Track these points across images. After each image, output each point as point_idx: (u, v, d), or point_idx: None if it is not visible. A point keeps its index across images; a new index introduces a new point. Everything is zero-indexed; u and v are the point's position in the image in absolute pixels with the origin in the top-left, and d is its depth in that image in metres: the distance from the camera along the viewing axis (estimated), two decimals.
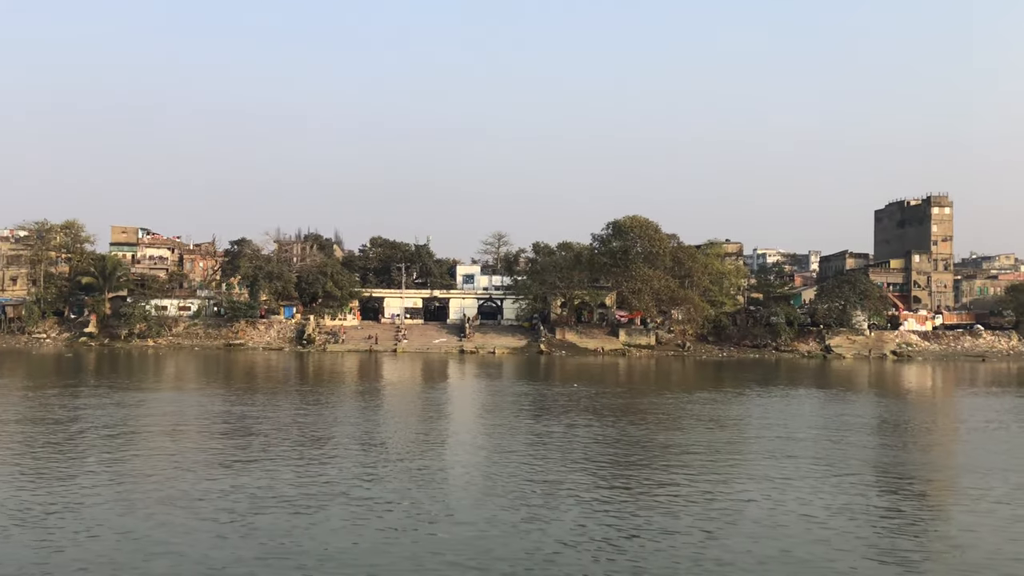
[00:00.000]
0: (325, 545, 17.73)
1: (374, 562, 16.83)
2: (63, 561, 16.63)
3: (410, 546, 17.87)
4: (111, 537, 18.18)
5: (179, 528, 18.84)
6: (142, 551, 17.23)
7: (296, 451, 28.97)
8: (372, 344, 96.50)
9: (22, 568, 16.13)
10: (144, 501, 21.29)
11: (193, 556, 16.95)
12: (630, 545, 18.20)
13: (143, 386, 54.41)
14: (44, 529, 18.74)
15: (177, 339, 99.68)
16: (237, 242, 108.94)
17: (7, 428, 33.36)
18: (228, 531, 18.65)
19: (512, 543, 18.17)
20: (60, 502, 21.19)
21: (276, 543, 17.83)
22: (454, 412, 41.48)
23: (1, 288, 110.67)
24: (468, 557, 17.14)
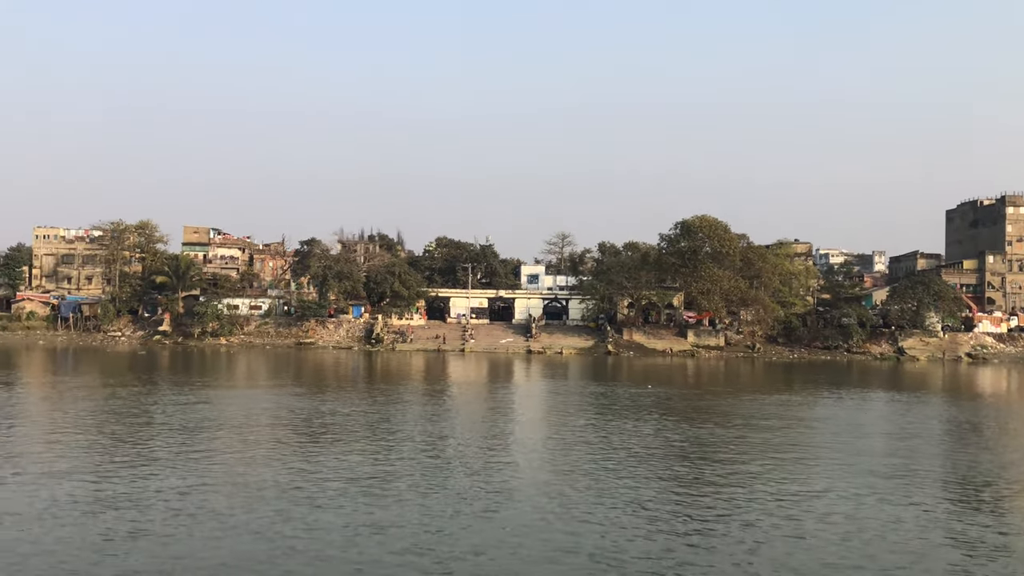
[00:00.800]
0: (452, 546, 17.90)
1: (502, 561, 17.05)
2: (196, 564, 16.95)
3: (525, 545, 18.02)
4: (245, 537, 18.56)
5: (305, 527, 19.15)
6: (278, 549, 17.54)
7: (394, 451, 29.41)
8: (440, 344, 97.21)
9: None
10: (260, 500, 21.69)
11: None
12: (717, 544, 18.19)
13: (223, 384, 55.87)
14: (162, 537, 18.88)
15: (249, 338, 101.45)
16: (307, 242, 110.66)
17: (114, 427, 34.31)
18: (351, 531, 18.89)
19: (624, 541, 18.32)
20: (188, 502, 21.77)
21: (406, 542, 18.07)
22: (540, 413, 41.71)
23: (77, 287, 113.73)
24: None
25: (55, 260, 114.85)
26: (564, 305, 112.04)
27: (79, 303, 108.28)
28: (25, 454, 27.57)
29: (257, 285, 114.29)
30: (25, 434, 32.28)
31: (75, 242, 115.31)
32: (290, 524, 19.43)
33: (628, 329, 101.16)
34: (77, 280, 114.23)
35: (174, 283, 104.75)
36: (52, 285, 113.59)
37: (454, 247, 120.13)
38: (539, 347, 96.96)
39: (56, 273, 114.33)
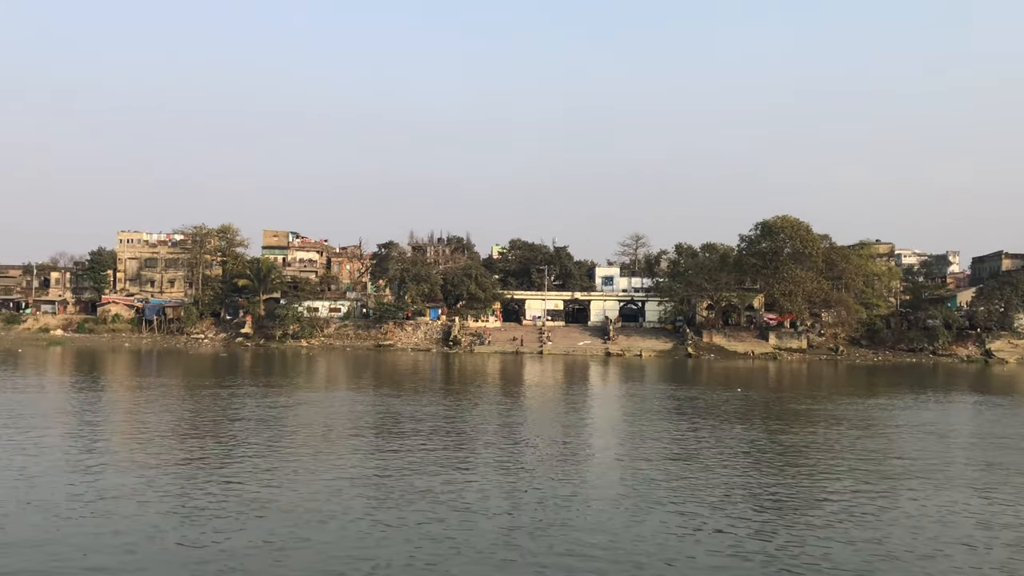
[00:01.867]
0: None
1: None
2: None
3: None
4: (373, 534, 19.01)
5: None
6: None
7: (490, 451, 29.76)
8: (518, 346, 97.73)
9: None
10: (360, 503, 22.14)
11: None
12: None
13: (316, 385, 56.80)
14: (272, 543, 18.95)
15: (329, 340, 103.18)
16: (385, 245, 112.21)
17: (219, 427, 35.19)
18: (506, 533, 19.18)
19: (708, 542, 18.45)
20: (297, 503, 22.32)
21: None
22: (632, 416, 41.44)
23: (160, 290, 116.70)
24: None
25: (138, 264, 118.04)
26: (640, 307, 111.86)
27: (163, 306, 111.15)
28: (121, 454, 28.46)
29: (335, 288, 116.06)
30: (119, 433, 33.41)
31: (158, 246, 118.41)
32: (443, 524, 19.86)
33: (708, 331, 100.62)
34: (160, 283, 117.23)
35: (255, 286, 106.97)
36: (136, 288, 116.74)
37: (527, 249, 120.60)
38: (617, 349, 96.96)
39: (140, 276, 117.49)
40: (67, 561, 16.59)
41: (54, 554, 16.96)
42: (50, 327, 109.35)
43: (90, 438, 31.42)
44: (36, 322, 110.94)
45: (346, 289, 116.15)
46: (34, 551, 17.11)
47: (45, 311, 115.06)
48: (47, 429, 33.08)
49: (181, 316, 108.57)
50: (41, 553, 17.00)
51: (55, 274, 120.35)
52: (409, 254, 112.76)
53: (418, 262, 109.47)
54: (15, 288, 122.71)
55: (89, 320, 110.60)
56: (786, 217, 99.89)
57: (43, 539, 17.91)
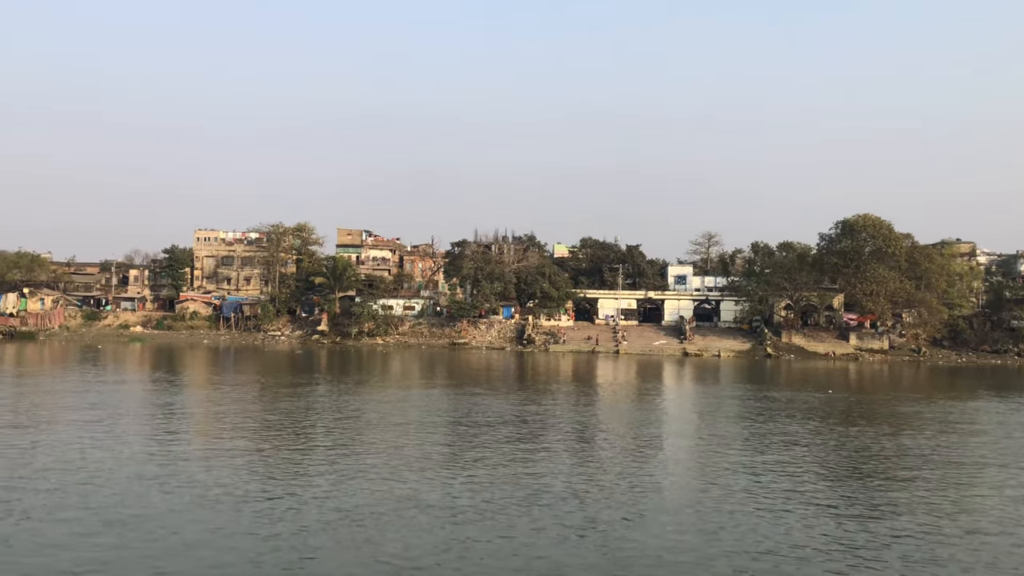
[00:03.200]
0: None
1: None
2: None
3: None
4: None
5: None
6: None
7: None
8: (593, 345, 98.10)
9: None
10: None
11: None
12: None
13: (396, 382, 57.98)
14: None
15: (404, 337, 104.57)
16: (458, 243, 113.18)
17: (313, 427, 36.22)
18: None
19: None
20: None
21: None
22: (729, 417, 41.55)
23: (236, 288, 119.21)
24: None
25: (215, 262, 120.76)
26: (715, 306, 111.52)
27: (240, 303, 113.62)
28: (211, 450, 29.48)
29: (408, 286, 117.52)
30: (213, 427, 34.56)
31: (234, 244, 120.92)
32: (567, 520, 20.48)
33: (787, 331, 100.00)
34: (236, 281, 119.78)
35: (331, 284, 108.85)
36: (212, 286, 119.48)
37: (599, 247, 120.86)
38: (695, 349, 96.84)
39: (216, 274, 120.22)
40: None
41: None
42: (130, 324, 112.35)
43: (185, 432, 33.17)
44: (116, 319, 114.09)
45: (419, 287, 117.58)
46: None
47: (125, 308, 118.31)
48: (147, 423, 34.76)
49: (258, 313, 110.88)
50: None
51: (133, 272, 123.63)
52: (482, 252, 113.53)
53: (491, 260, 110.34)
54: (95, 285, 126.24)
55: (168, 317, 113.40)
56: (867, 215, 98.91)
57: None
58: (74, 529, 18.93)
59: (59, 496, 21.76)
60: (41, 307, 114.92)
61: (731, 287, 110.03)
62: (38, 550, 17.48)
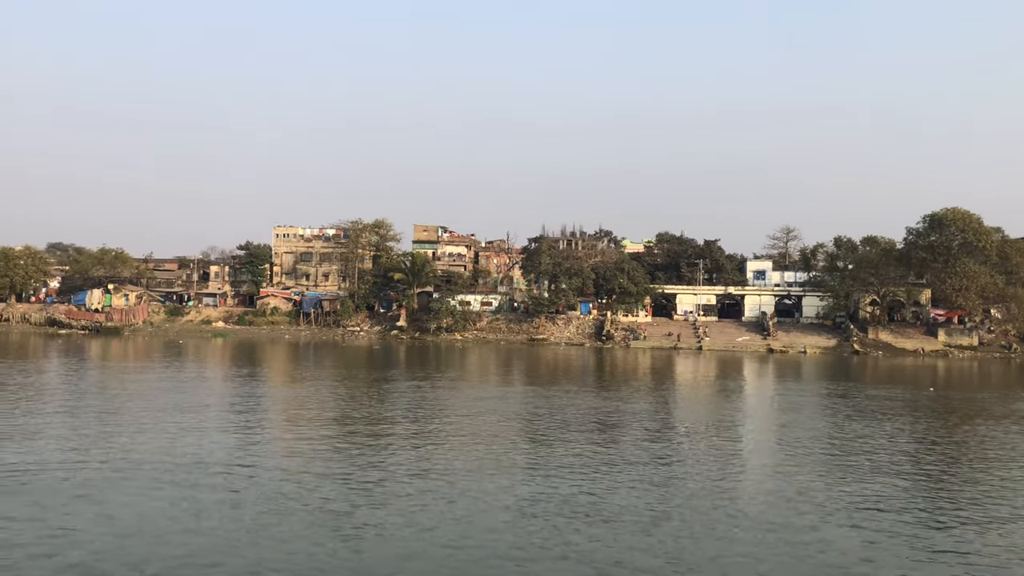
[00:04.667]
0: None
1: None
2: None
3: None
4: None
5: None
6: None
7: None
8: (675, 341, 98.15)
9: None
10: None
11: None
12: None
13: (482, 379, 59.18)
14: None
15: (482, 333, 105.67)
16: (535, 239, 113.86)
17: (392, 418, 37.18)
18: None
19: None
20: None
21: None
22: (848, 418, 41.47)
23: (315, 283, 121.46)
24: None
25: (294, 258, 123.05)
26: (796, 302, 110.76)
27: (319, 299, 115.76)
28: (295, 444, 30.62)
29: (483, 282, 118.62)
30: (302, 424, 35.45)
31: (312, 241, 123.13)
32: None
33: (873, 327, 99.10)
34: (315, 277, 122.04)
35: (409, 280, 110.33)
36: (291, 282, 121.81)
37: (676, 243, 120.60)
38: (779, 346, 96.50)
39: (295, 270, 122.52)
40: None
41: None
42: (211, 319, 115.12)
43: (278, 426, 34.57)
44: (198, 314, 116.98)
45: (495, 283, 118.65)
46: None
47: (206, 304, 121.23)
48: (245, 416, 36.11)
49: (337, 309, 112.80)
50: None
51: (214, 268, 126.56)
52: (560, 248, 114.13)
53: (569, 256, 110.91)
54: (176, 281, 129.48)
55: (248, 313, 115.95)
56: (956, 209, 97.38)
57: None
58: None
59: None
60: (125, 303, 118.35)
61: (813, 282, 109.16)
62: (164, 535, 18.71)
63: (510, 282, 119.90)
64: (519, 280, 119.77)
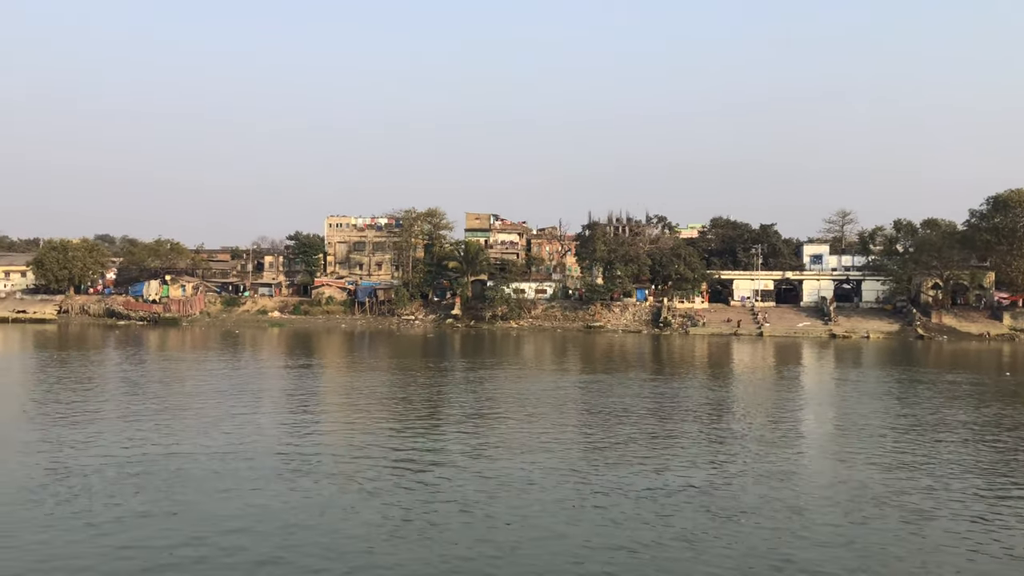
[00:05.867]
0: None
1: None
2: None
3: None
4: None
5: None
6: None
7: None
8: (735, 327, 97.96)
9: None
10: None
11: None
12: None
13: (555, 367, 58.99)
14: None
15: (537, 321, 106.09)
16: (589, 226, 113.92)
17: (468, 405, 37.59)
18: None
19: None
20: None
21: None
22: (942, 405, 41.40)
23: (368, 273, 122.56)
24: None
25: (347, 248, 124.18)
26: (855, 286, 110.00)
27: (374, 288, 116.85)
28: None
29: (536, 269, 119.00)
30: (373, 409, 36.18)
31: (365, 230, 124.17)
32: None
33: (937, 311, 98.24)
34: (368, 266, 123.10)
35: (463, 268, 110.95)
36: (345, 271, 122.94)
37: (730, 227, 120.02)
38: (841, 331, 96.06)
39: (348, 260, 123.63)
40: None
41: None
42: (267, 309, 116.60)
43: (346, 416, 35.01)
44: (254, 304, 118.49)
45: (548, 270, 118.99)
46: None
47: (262, 294, 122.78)
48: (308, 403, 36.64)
49: (392, 298, 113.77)
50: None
51: (268, 258, 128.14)
52: (615, 234, 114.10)
53: (624, 242, 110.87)
54: (231, 272, 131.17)
55: (304, 302, 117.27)
56: (1020, 190, 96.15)
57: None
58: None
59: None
60: (182, 294, 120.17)
61: (873, 266, 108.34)
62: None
63: (563, 269, 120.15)
64: (572, 267, 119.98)
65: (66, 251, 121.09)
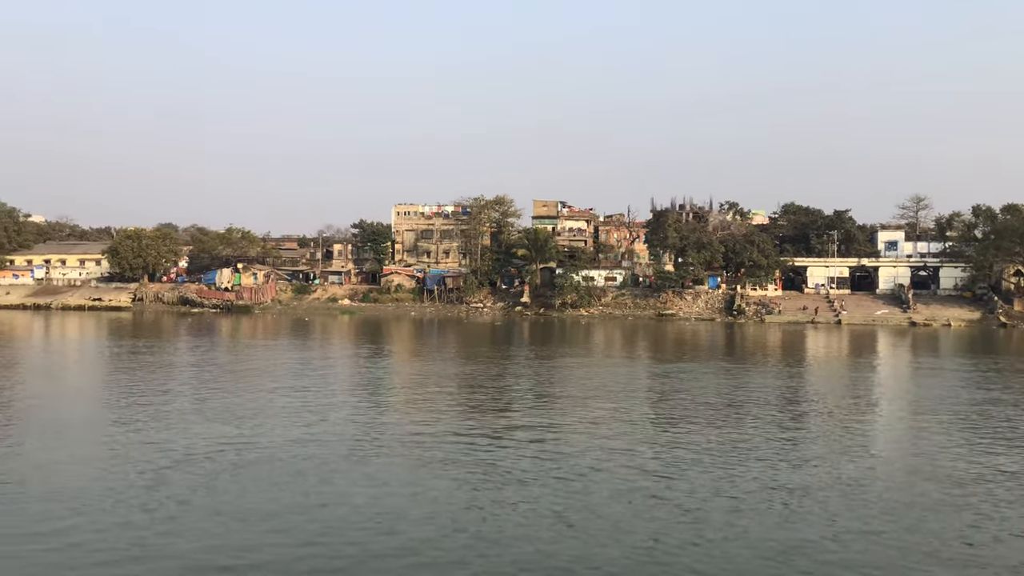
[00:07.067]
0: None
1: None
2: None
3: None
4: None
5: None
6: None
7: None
8: (812, 315, 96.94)
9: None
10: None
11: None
12: None
13: (637, 356, 58.74)
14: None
15: (607, 309, 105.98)
16: (660, 212, 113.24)
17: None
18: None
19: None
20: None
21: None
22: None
23: (436, 260, 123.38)
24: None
25: (415, 235, 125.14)
26: (932, 273, 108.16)
27: (443, 276, 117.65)
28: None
29: (605, 256, 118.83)
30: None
31: (432, 218, 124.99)
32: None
33: (1019, 299, 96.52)
34: (435, 254, 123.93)
35: (532, 255, 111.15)
36: (412, 259, 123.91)
37: (803, 214, 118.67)
38: (921, 319, 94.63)
39: (416, 248, 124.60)
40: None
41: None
42: (337, 297, 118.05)
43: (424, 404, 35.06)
44: (324, 292, 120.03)
45: (617, 257, 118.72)
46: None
47: (332, 281, 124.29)
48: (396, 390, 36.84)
49: (460, 286, 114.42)
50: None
51: (337, 246, 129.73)
52: (686, 220, 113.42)
53: (696, 228, 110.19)
54: (300, 260, 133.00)
55: (373, 290, 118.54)
56: None
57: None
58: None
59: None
60: (254, 281, 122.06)
61: (950, 253, 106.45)
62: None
63: (631, 256, 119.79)
64: (641, 254, 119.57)
65: (140, 239, 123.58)
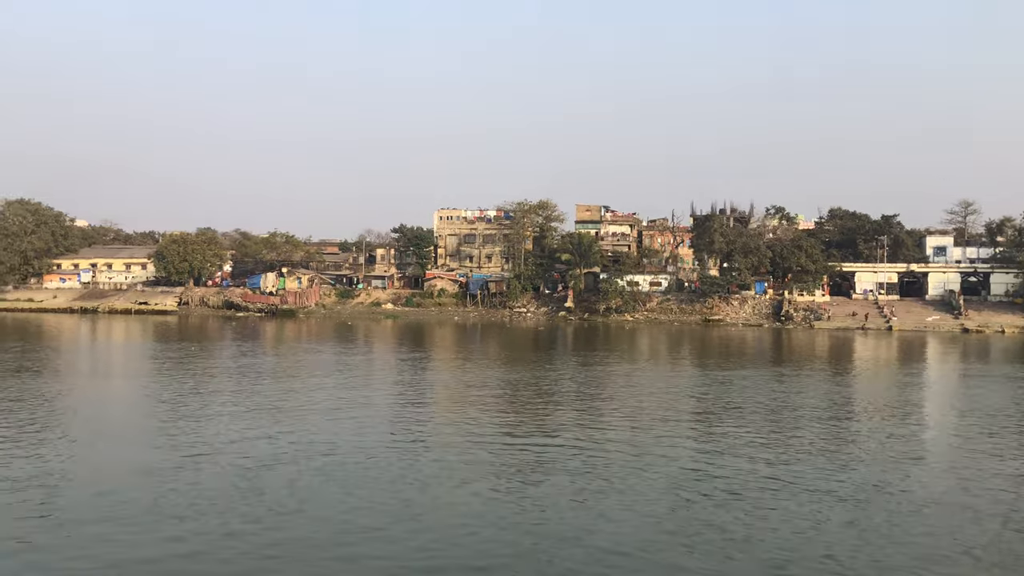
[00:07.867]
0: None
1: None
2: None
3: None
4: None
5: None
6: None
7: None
8: (862, 321, 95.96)
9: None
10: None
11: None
12: None
13: (703, 364, 58.10)
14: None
15: (652, 314, 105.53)
16: (704, 217, 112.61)
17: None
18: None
19: None
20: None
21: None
22: None
23: (478, 265, 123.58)
24: None
25: (457, 240, 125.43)
26: (983, 279, 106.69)
27: (486, 280, 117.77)
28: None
29: (648, 261, 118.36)
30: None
31: (475, 223, 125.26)
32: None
33: None
34: (478, 259, 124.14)
35: (576, 260, 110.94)
36: (455, 264, 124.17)
37: (850, 218, 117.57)
38: (974, 325, 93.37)
39: (459, 252, 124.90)
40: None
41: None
42: (381, 301, 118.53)
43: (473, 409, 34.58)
44: (368, 296, 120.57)
45: (661, 262, 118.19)
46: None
47: (375, 286, 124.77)
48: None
49: (503, 290, 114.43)
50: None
51: (380, 251, 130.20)
52: (732, 225, 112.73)
53: (742, 233, 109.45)
54: (343, 264, 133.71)
55: (416, 295, 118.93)
56: None
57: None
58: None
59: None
60: (298, 286, 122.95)
61: (1002, 258, 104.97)
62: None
63: (676, 261, 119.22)
64: (685, 259, 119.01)
65: (186, 244, 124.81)
